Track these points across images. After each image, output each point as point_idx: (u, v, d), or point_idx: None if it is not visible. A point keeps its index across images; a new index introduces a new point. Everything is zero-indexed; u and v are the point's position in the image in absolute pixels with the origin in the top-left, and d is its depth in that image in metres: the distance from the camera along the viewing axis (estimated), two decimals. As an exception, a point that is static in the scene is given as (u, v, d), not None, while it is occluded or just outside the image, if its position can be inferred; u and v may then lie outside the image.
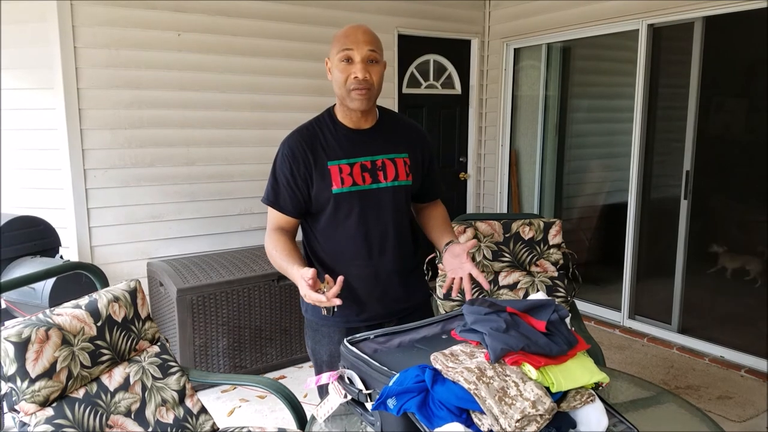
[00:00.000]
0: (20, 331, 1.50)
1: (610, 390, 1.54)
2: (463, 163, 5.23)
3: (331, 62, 1.67)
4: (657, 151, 4.08)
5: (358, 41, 1.62)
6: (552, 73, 4.89)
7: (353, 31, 1.64)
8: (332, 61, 1.67)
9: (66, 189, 3.42)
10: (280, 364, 3.54)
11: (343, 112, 1.73)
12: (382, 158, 1.73)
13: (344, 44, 1.63)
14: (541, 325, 1.27)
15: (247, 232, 4.06)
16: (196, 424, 1.83)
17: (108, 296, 1.77)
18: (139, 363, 1.79)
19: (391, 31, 4.53)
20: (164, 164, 3.72)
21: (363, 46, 1.62)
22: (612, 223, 4.45)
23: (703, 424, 1.40)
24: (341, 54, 1.63)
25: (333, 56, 1.66)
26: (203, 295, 3.21)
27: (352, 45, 1.62)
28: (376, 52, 1.64)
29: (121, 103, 3.53)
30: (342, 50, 1.63)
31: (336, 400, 1.32)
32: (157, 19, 3.58)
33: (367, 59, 1.62)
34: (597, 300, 4.47)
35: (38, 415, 1.50)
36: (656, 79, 3.99)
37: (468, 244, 1.65)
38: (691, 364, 3.61)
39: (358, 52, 1.61)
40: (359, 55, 1.61)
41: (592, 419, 1.17)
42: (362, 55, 1.62)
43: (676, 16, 3.75)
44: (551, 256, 2.69)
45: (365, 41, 1.63)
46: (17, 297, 2.79)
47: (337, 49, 1.64)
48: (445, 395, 1.13)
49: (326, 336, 1.80)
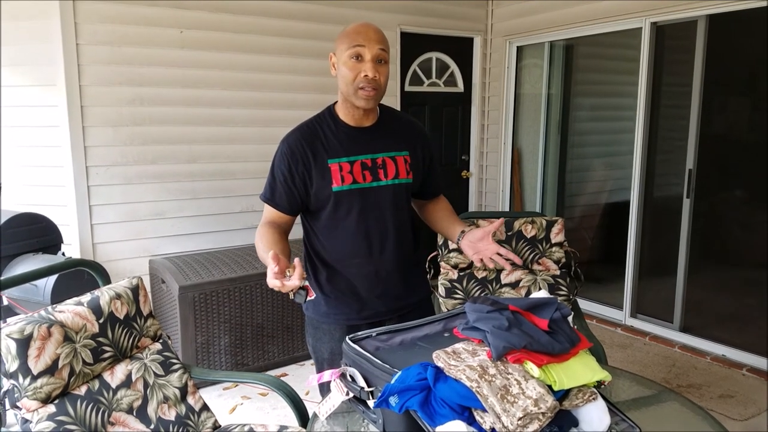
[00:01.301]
0: (22, 327, 1.50)
1: (612, 388, 1.54)
2: (465, 161, 5.23)
3: (338, 58, 1.64)
4: (660, 150, 4.07)
5: (369, 39, 1.59)
6: (555, 71, 4.88)
7: (364, 29, 1.61)
8: (340, 57, 1.63)
9: (68, 186, 3.43)
10: (281, 361, 3.54)
11: (345, 110, 1.71)
12: (382, 156, 1.72)
13: (355, 40, 1.60)
14: (543, 324, 1.27)
15: (249, 229, 4.05)
16: (198, 421, 1.83)
17: (110, 293, 1.78)
18: (141, 360, 1.79)
19: (393, 28, 4.53)
20: (166, 161, 3.72)
21: (374, 45, 1.59)
22: (614, 221, 4.44)
23: (704, 423, 1.40)
24: (351, 50, 1.59)
25: (341, 52, 1.62)
26: (205, 292, 3.21)
27: (364, 42, 1.59)
28: (385, 51, 1.62)
29: (123, 100, 3.53)
30: (353, 46, 1.59)
31: (338, 397, 1.32)
32: (160, 16, 3.58)
33: (377, 58, 1.60)
34: (599, 298, 4.46)
35: (40, 412, 1.50)
36: (659, 77, 3.98)
37: (490, 228, 1.61)
38: (692, 363, 3.61)
39: (369, 49, 1.59)
40: (370, 53, 1.59)
41: (594, 417, 1.17)
42: (373, 53, 1.59)
43: (680, 14, 3.73)
44: (553, 255, 2.69)
45: (376, 40, 1.60)
46: (19, 294, 2.79)
47: (346, 45, 1.61)
48: (447, 393, 1.13)
49: (327, 333, 1.79)
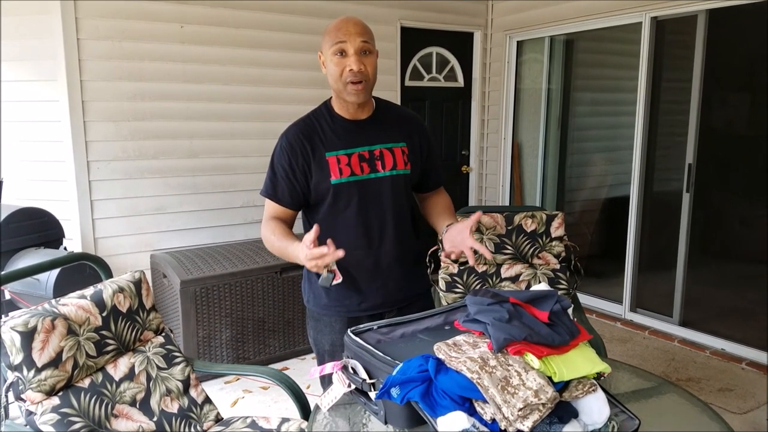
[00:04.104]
0: (26, 320, 1.51)
1: (611, 381, 1.55)
2: (465, 156, 5.23)
3: (324, 56, 1.67)
4: (659, 145, 4.08)
5: (350, 33, 1.62)
6: (555, 65, 4.88)
7: (344, 24, 1.64)
8: (325, 55, 1.67)
9: (69, 181, 3.43)
10: (283, 355, 3.56)
11: (339, 104, 1.73)
12: (379, 148, 1.74)
13: (336, 37, 1.62)
14: (543, 316, 1.28)
15: (250, 224, 4.07)
16: (200, 413, 1.85)
17: (113, 287, 1.79)
18: (143, 353, 1.81)
19: (393, 23, 4.52)
20: (167, 156, 3.72)
21: (355, 38, 1.62)
22: (614, 215, 4.45)
23: (703, 415, 1.41)
24: (335, 47, 1.62)
25: (326, 50, 1.66)
26: (206, 286, 3.23)
27: (345, 37, 1.61)
28: (368, 42, 1.64)
29: (124, 95, 3.53)
30: (335, 43, 1.62)
31: (340, 389, 1.33)
32: (160, 10, 3.57)
33: (361, 50, 1.62)
34: (599, 293, 4.47)
35: (44, 404, 1.51)
36: (659, 72, 3.98)
37: (469, 221, 1.58)
38: (692, 357, 3.62)
39: (351, 44, 1.61)
40: (352, 47, 1.61)
41: (594, 409, 1.18)
42: (355, 46, 1.61)
43: (680, 9, 3.73)
44: (553, 249, 2.69)
45: (357, 32, 1.62)
46: (21, 288, 2.80)
47: (329, 43, 1.64)
48: (448, 384, 1.14)
49: (327, 325, 1.81)
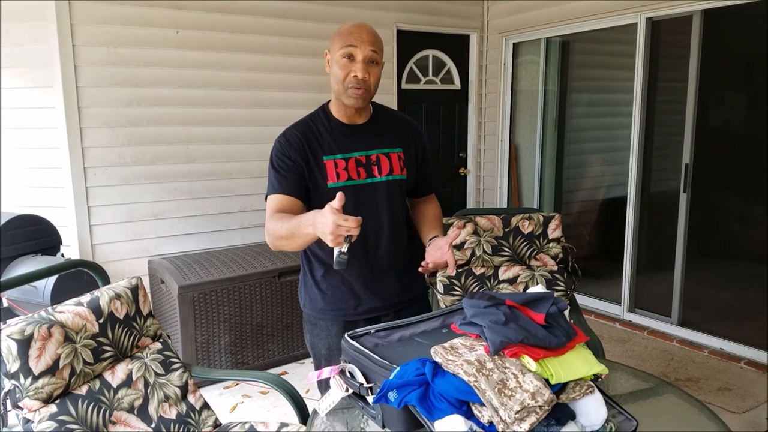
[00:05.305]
0: (23, 328, 1.51)
1: (609, 382, 1.55)
2: (462, 158, 5.23)
3: (332, 56, 1.67)
4: (656, 145, 4.08)
5: (362, 40, 1.62)
6: (551, 67, 4.89)
7: (358, 29, 1.64)
8: (333, 56, 1.66)
9: (66, 187, 3.43)
10: (281, 360, 3.55)
11: (337, 108, 1.73)
12: (376, 153, 1.74)
13: (348, 41, 1.63)
14: (540, 318, 1.28)
15: (248, 229, 4.06)
16: (198, 419, 1.84)
17: (110, 293, 1.78)
18: (141, 359, 1.80)
19: (390, 26, 4.53)
20: (164, 162, 3.72)
21: (366, 46, 1.62)
22: (611, 216, 4.45)
23: (701, 415, 1.41)
24: (344, 50, 1.62)
25: (335, 51, 1.65)
26: (204, 292, 3.22)
27: (356, 42, 1.62)
28: (377, 53, 1.65)
29: (120, 101, 3.53)
30: (345, 46, 1.62)
31: (337, 394, 1.33)
32: (156, 16, 3.58)
33: (369, 59, 1.63)
34: (597, 293, 4.47)
35: (42, 412, 1.51)
36: (655, 72, 3.99)
37: (450, 237, 1.60)
38: (690, 357, 3.63)
39: (360, 50, 1.62)
40: (361, 54, 1.62)
41: (592, 410, 1.18)
42: (364, 54, 1.62)
43: (675, 10, 3.74)
44: (551, 250, 2.70)
45: (369, 41, 1.63)
46: (19, 295, 2.80)
47: (340, 44, 1.64)
48: (445, 388, 1.14)
49: (324, 329, 1.81)
